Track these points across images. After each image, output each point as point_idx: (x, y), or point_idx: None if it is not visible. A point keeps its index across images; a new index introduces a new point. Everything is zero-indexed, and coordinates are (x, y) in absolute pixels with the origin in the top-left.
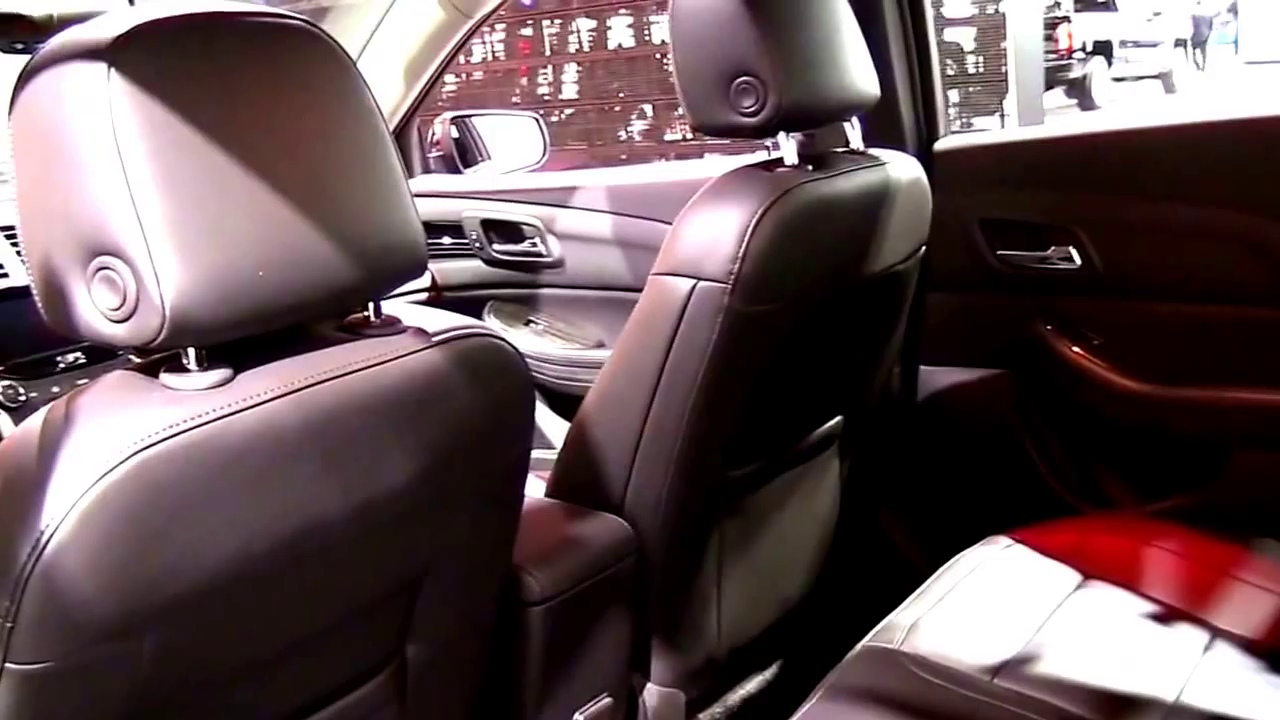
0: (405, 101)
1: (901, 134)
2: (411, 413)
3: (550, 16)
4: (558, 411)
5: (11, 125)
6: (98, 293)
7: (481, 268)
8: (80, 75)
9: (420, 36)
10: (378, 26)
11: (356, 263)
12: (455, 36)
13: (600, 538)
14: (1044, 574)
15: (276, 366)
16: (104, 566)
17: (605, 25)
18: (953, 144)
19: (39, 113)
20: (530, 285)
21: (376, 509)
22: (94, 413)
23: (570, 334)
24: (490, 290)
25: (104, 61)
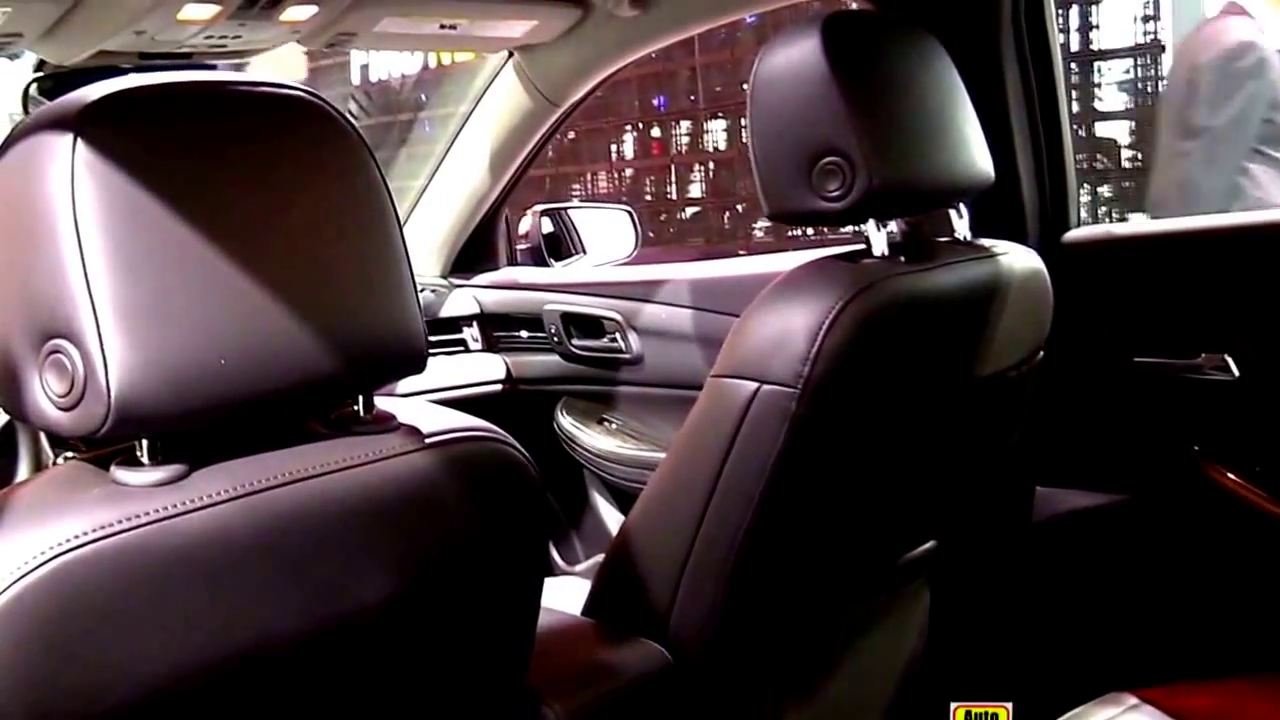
0: (493, 192)
1: (1023, 223)
2: (393, 522)
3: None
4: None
5: None
6: (48, 377)
7: (558, 362)
8: (48, 146)
9: (508, 127)
10: (468, 117)
11: (340, 353)
12: (544, 126)
13: (634, 666)
14: None
15: (238, 465)
16: (14, 678)
17: (739, 124)
18: (1085, 235)
19: (7, 185)
20: (607, 382)
21: (345, 630)
22: (25, 507)
23: (644, 434)
24: (565, 385)
25: (71, 132)
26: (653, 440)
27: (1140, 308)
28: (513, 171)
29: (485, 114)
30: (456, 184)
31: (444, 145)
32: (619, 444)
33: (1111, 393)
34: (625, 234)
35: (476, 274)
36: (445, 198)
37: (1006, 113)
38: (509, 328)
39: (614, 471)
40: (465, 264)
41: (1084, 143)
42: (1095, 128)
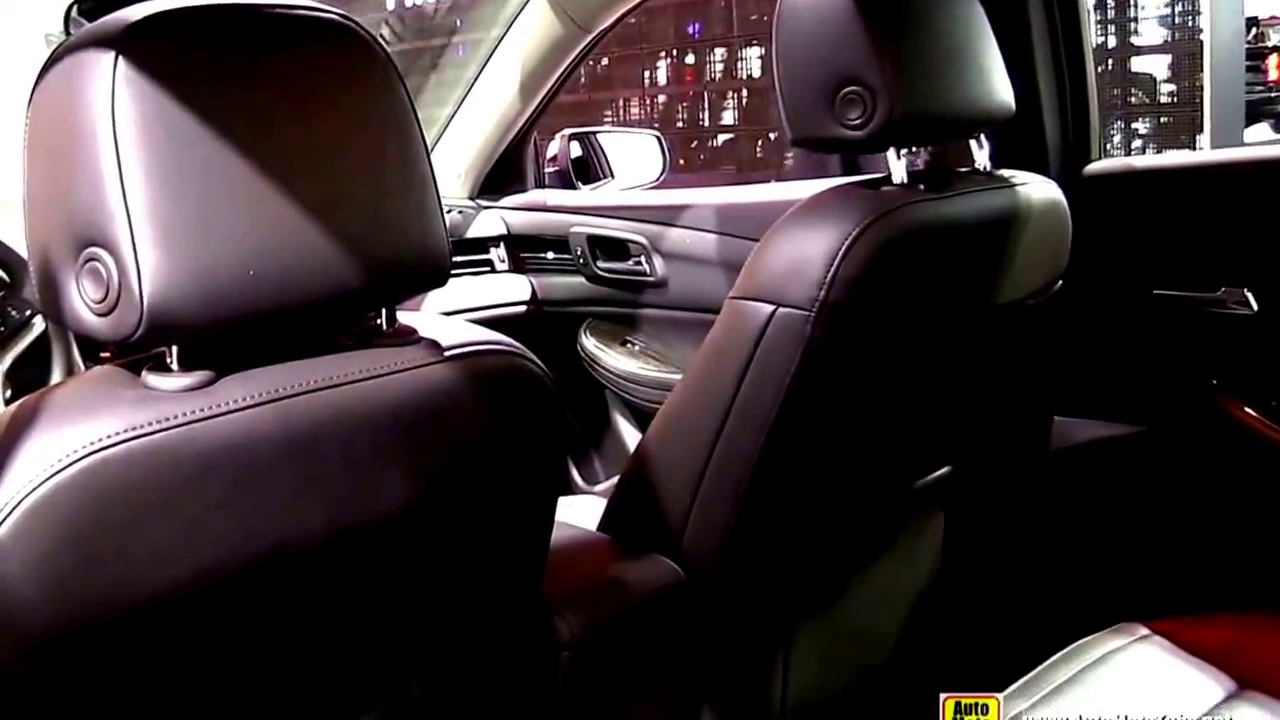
0: (523, 116)
1: (1044, 155)
2: (413, 431)
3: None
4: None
5: (28, 115)
6: (85, 284)
7: (583, 284)
8: (89, 64)
9: (539, 52)
10: (499, 42)
11: (364, 267)
12: (574, 51)
13: (647, 580)
14: (1186, 676)
15: (264, 372)
16: (47, 570)
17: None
18: (1106, 167)
19: (49, 102)
20: (631, 304)
21: (368, 533)
22: (58, 408)
23: (666, 356)
24: (590, 307)
25: (113, 50)
26: (674, 363)
27: (1161, 240)
28: (542, 96)
29: (516, 39)
30: (486, 108)
31: (475, 70)
32: (641, 366)
33: (1131, 325)
34: (653, 159)
35: (504, 196)
36: (475, 121)
37: (1029, 44)
38: (535, 249)
39: (635, 393)
40: (493, 186)
41: (1119, 78)
42: (1131, 63)
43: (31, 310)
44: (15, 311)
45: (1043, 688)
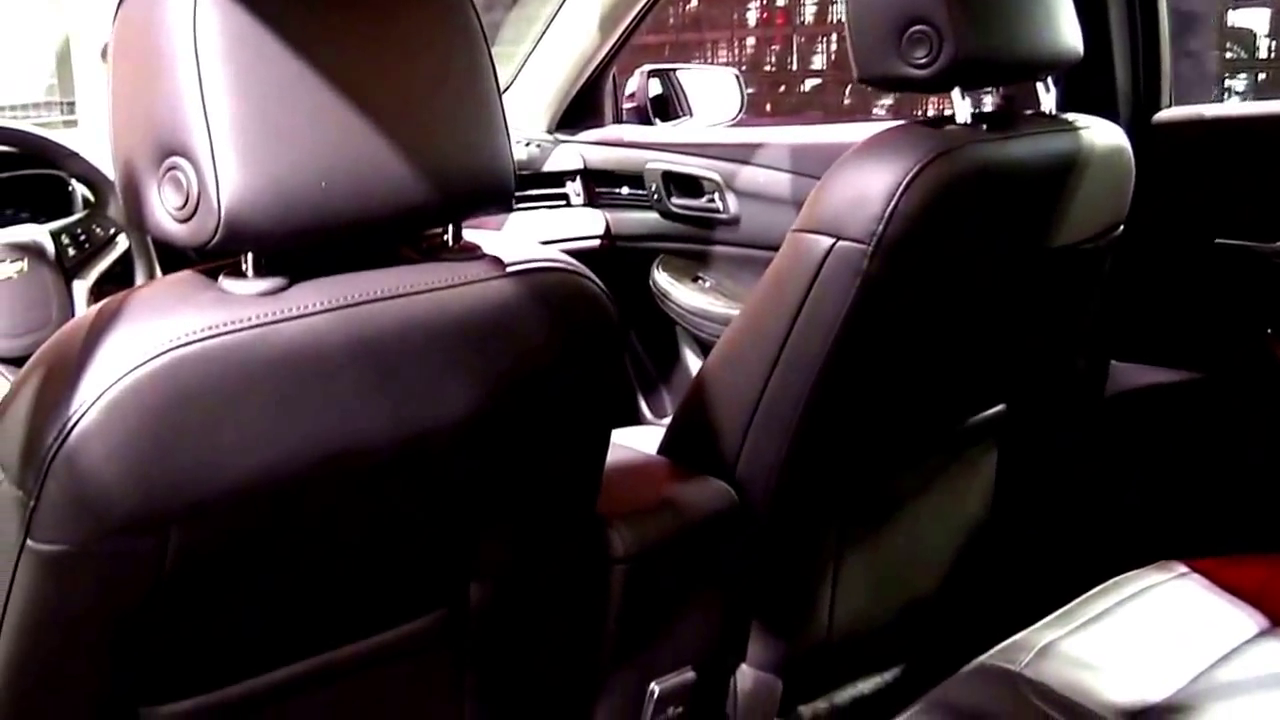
0: (602, 51)
1: (1113, 100)
2: (476, 342)
3: None
4: None
5: (114, 30)
6: (165, 192)
7: (657, 220)
8: None
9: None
10: None
11: (432, 184)
12: None
13: (701, 501)
14: (1220, 612)
15: (334, 280)
16: (126, 456)
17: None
18: (1176, 115)
19: (134, 16)
20: (702, 241)
21: (430, 439)
22: (141, 307)
23: (736, 293)
24: (662, 243)
25: None
26: (743, 300)
27: (1226, 190)
28: (621, 31)
29: None
30: (566, 43)
31: (555, 5)
32: (711, 302)
33: (1191, 272)
34: (731, 96)
35: (582, 131)
36: (554, 56)
37: None
38: (611, 184)
39: (704, 328)
40: (571, 121)
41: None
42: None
43: (116, 229)
44: (100, 229)
45: (1078, 618)
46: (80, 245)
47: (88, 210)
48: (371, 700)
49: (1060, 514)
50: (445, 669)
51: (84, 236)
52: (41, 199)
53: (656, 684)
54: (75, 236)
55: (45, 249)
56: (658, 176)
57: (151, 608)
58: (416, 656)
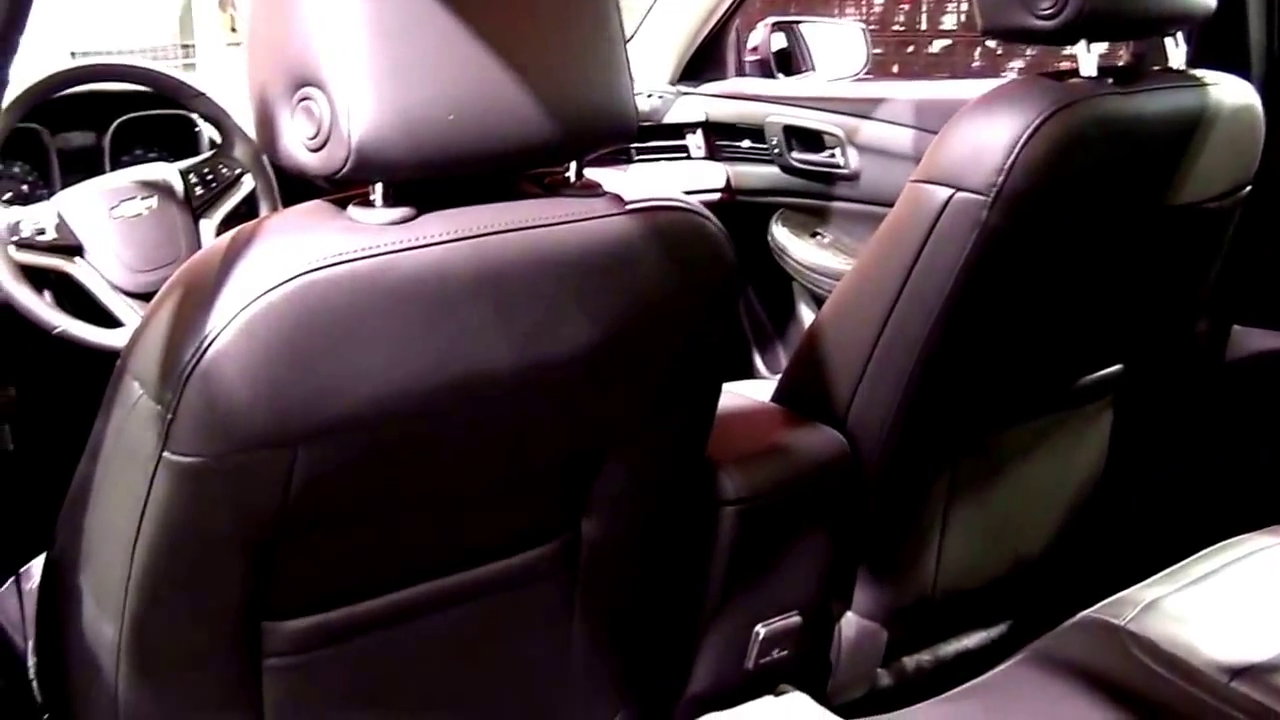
0: (724, 3)
1: (1246, 57)
2: (596, 277)
3: None
4: None
5: None
6: (298, 122)
7: (777, 174)
8: None
9: None
10: None
11: (557, 120)
12: None
13: (812, 448)
14: None
15: (460, 212)
16: (259, 376)
17: None
18: None
19: None
20: (822, 196)
21: (550, 371)
22: (275, 233)
23: (854, 249)
24: (782, 198)
25: None
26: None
27: None
28: None
29: None
30: None
31: None
32: (828, 257)
33: None
34: (856, 50)
35: (704, 83)
36: (677, 8)
37: None
38: (732, 137)
39: (821, 284)
40: (693, 73)
41: None
42: None
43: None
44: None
45: (1185, 578)
46: (207, 184)
47: (215, 150)
48: (482, 626)
49: (1174, 476)
50: (555, 601)
51: (211, 176)
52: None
53: (762, 627)
54: (203, 176)
55: (174, 187)
56: (779, 130)
57: (279, 524)
58: (527, 587)
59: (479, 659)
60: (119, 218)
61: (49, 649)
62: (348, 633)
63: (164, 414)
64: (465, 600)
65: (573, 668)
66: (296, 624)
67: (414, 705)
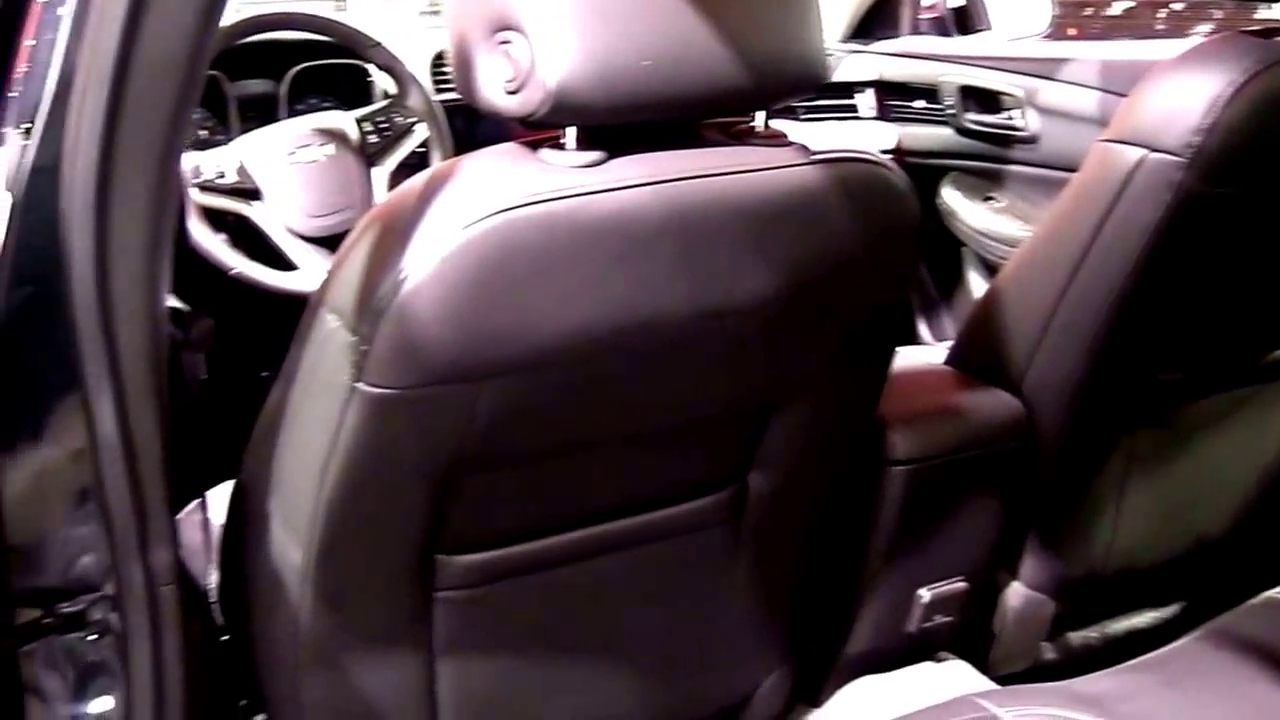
0: None
1: None
2: (779, 227)
3: None
4: None
5: None
6: (497, 64)
7: (950, 136)
8: None
9: None
10: None
11: (747, 69)
12: None
13: (985, 411)
14: None
15: (649, 157)
16: (453, 311)
17: None
18: None
19: None
20: (997, 159)
21: (727, 318)
22: (472, 173)
23: (1030, 215)
24: (955, 160)
25: None
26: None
27: None
28: None
29: None
30: None
31: None
32: (1002, 223)
33: None
34: (1038, 8)
35: (876, 41)
36: None
37: None
38: (903, 97)
39: (993, 250)
40: (865, 31)
41: None
42: None
43: (415, 119)
44: (401, 118)
45: None
46: (381, 133)
47: (390, 99)
48: (646, 573)
49: None
50: (719, 553)
51: (385, 124)
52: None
53: (926, 590)
54: (377, 124)
55: (349, 135)
56: (954, 90)
57: (460, 459)
58: (693, 536)
59: (640, 606)
60: (296, 163)
61: (233, 573)
62: (516, 571)
63: (359, 345)
64: (631, 546)
65: (733, 622)
66: (469, 559)
67: (573, 647)
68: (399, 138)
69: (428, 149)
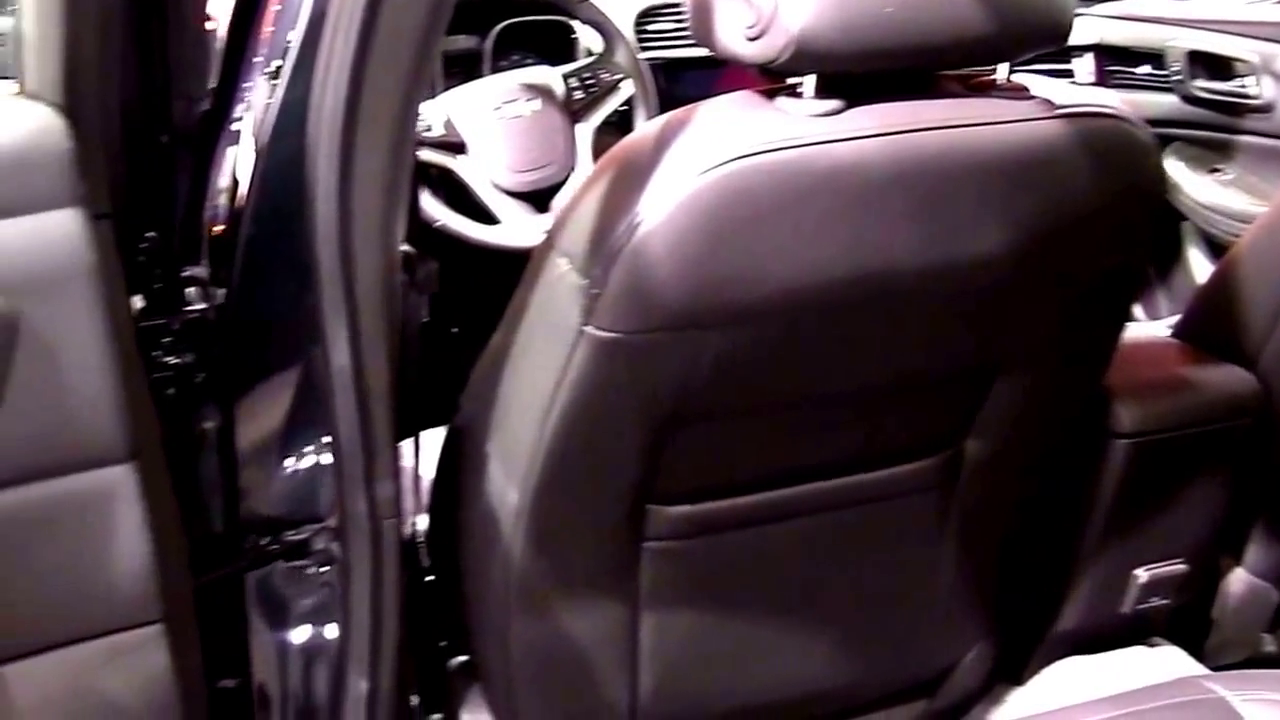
0: None
1: None
2: (1017, 182)
3: None
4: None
5: None
6: (738, 10)
7: (1175, 103)
8: None
9: None
10: None
11: (991, 17)
12: None
13: (1217, 386)
14: None
15: (886, 107)
16: (684, 255)
17: None
18: None
19: None
20: (1227, 129)
21: (961, 276)
22: (707, 120)
23: (1260, 189)
24: (1179, 130)
25: None
26: (1269, 197)
27: None
28: None
29: None
30: None
31: None
32: (1230, 196)
33: None
34: None
35: (1096, 4)
36: None
37: None
38: (1126, 62)
39: (1218, 225)
40: None
41: None
42: None
43: (622, 74)
44: (607, 74)
45: None
46: (587, 89)
47: (597, 55)
48: (852, 536)
49: None
50: (928, 520)
51: (591, 81)
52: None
53: (1143, 570)
54: (583, 80)
55: (556, 91)
56: (1181, 55)
57: (680, 407)
58: (902, 501)
59: (844, 569)
60: (503, 118)
61: (444, 515)
62: (723, 526)
63: (590, 289)
64: (839, 507)
65: (937, 592)
66: (678, 510)
67: (773, 608)
68: (604, 94)
69: (632, 106)
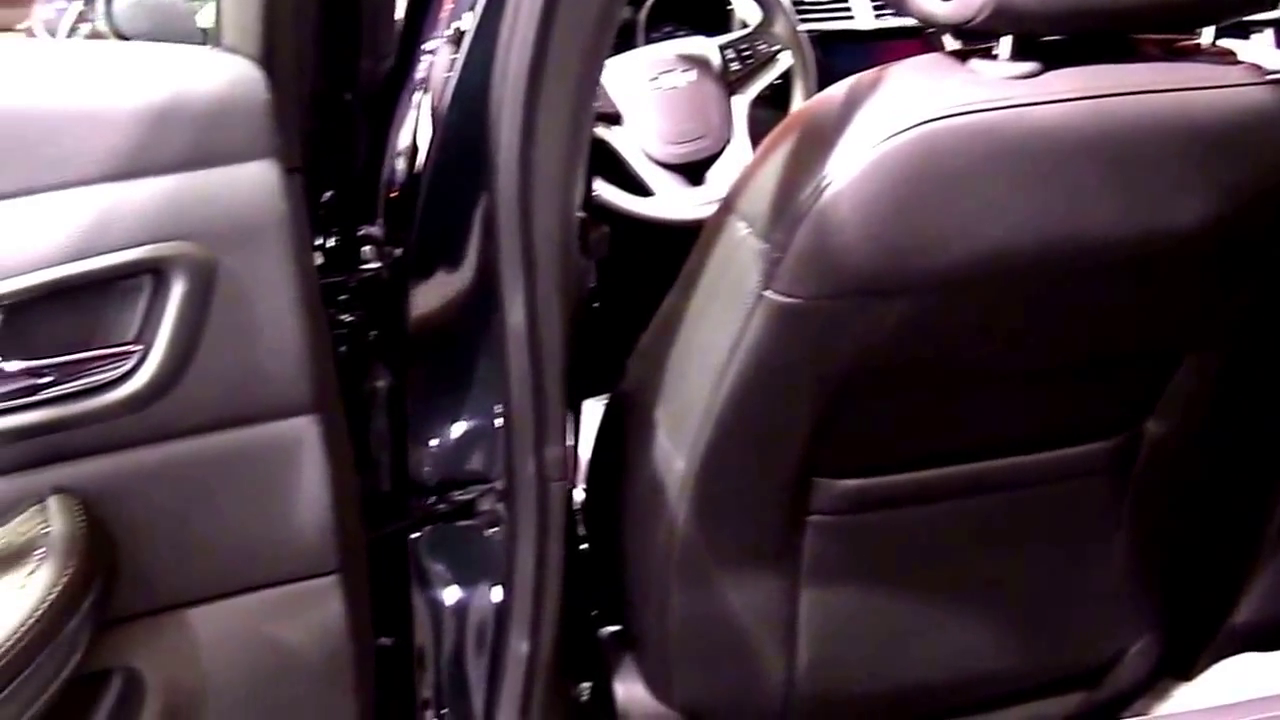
0: None
1: None
2: (1223, 150)
3: None
4: None
5: None
6: None
7: None
8: None
9: None
10: None
11: None
12: None
13: None
14: None
15: (1085, 71)
16: (872, 220)
17: None
18: None
19: None
20: None
21: (1156, 246)
22: (896, 82)
23: None
24: None
25: None
26: None
27: None
28: None
29: None
30: None
31: None
32: None
33: None
34: None
35: None
36: None
37: None
38: None
39: None
40: None
41: None
42: None
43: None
44: (765, 46)
45: None
46: (744, 60)
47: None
48: (1020, 517)
49: None
50: (1101, 505)
51: (748, 52)
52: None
53: None
54: (740, 52)
55: (713, 62)
56: None
57: (854, 376)
58: (1076, 482)
59: (1010, 552)
60: (658, 89)
61: (605, 482)
62: (889, 502)
63: (771, 253)
64: (1008, 488)
65: (1106, 579)
66: (845, 484)
67: (937, 588)
68: (761, 66)
69: (789, 79)
